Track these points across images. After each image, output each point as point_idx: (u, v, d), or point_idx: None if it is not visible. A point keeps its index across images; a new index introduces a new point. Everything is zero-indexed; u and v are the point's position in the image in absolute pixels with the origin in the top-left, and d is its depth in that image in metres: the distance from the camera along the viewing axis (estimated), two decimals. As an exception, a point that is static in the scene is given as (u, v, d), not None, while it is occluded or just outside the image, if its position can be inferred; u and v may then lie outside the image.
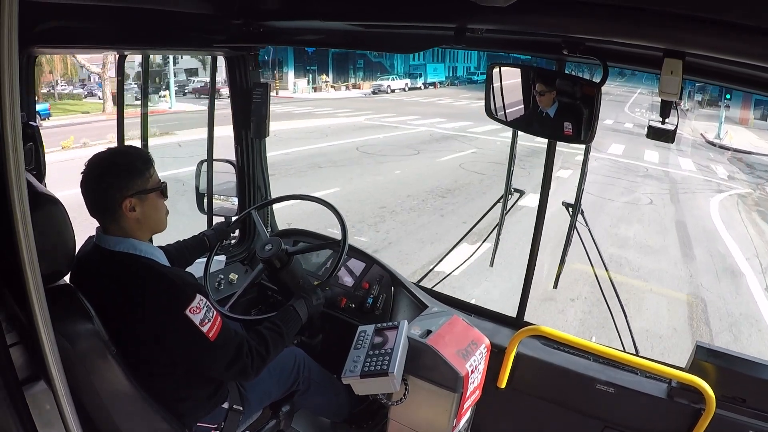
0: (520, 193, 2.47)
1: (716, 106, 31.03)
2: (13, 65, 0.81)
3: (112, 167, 1.44)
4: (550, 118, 1.60)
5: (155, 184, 1.50)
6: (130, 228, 1.47)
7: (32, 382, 1.12)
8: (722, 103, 23.93)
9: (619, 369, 1.94)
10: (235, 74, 2.48)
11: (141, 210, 1.46)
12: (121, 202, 1.43)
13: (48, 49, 1.92)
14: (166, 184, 1.54)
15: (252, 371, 1.54)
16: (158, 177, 1.52)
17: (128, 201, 1.44)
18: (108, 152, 1.49)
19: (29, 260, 0.91)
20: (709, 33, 1.13)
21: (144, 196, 1.46)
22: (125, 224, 1.46)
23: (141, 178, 1.46)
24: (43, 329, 0.94)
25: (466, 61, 47.97)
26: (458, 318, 1.96)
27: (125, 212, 1.44)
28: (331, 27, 1.91)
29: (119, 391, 1.35)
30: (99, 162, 1.44)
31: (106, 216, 1.46)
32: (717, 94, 29.66)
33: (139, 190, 1.45)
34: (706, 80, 1.58)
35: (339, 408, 2.11)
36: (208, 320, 1.43)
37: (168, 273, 1.47)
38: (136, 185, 1.45)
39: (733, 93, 20.00)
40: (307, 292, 1.80)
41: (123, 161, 1.46)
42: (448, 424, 1.78)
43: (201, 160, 2.60)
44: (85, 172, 1.43)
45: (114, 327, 1.35)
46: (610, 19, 1.23)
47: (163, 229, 1.57)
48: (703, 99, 32.99)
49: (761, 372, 1.71)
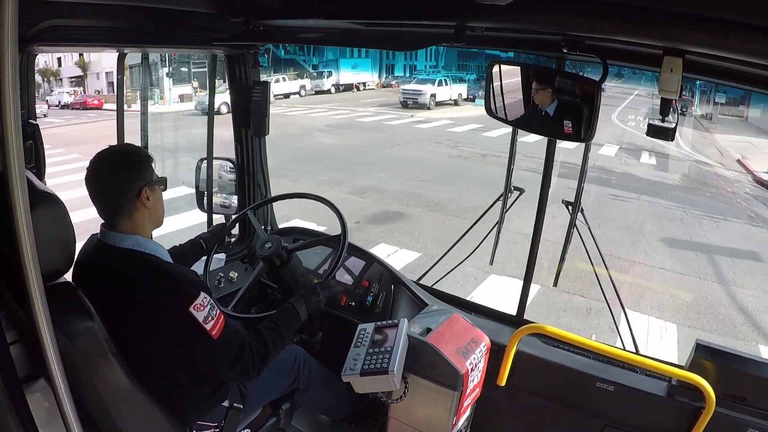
0: (519, 191, 2.46)
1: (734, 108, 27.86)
2: (14, 64, 0.81)
3: (124, 160, 1.49)
4: (549, 116, 1.60)
5: (157, 178, 1.53)
6: (141, 222, 1.48)
7: (32, 381, 1.12)
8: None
9: (619, 367, 1.94)
10: (235, 72, 2.48)
11: (153, 201, 1.50)
12: (139, 192, 1.46)
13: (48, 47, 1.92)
14: (166, 180, 1.58)
15: (253, 372, 1.53)
16: (156, 171, 1.56)
17: (145, 190, 1.47)
18: (113, 149, 1.51)
19: (29, 258, 0.91)
20: (709, 31, 1.12)
21: (154, 186, 1.51)
22: (137, 217, 1.47)
23: (150, 171, 1.51)
24: (43, 327, 0.95)
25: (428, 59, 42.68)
26: (458, 316, 1.96)
27: (143, 201, 1.47)
28: (332, 25, 1.91)
29: (119, 390, 1.35)
30: (108, 157, 1.47)
31: (121, 209, 1.46)
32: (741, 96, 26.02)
33: (151, 180, 1.50)
34: (706, 78, 1.58)
35: (339, 406, 2.11)
36: (211, 318, 1.43)
37: (172, 270, 1.47)
38: (149, 176, 1.50)
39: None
40: (307, 290, 1.79)
41: (133, 155, 1.52)
42: (448, 422, 1.79)
43: (201, 158, 2.60)
44: (93, 169, 1.44)
45: (116, 324, 1.35)
46: (610, 17, 1.23)
47: (162, 222, 1.59)
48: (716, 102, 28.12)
49: (761, 370, 1.71)
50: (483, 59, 39.36)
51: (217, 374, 1.54)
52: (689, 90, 28.64)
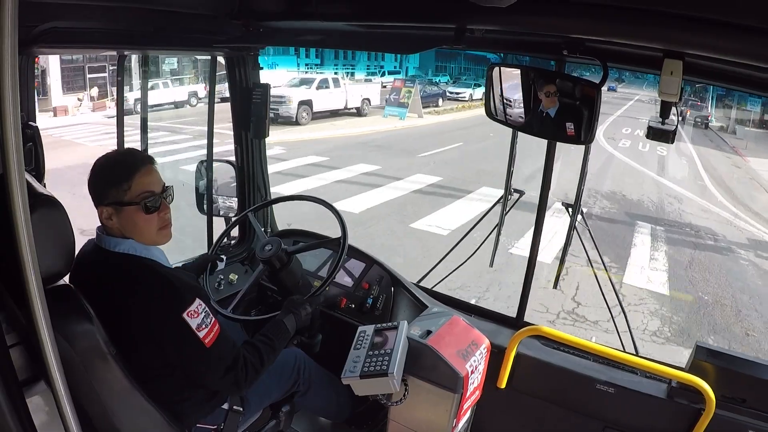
0: (519, 193, 2.47)
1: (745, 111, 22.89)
2: (14, 66, 0.81)
3: (98, 171, 1.44)
4: (550, 118, 1.60)
5: (133, 198, 1.42)
6: (121, 232, 1.46)
7: (32, 383, 1.12)
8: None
9: (619, 369, 1.94)
10: (235, 74, 2.48)
11: (118, 221, 1.43)
12: (100, 211, 1.43)
13: (48, 49, 1.92)
14: (155, 202, 1.45)
15: (245, 384, 1.53)
16: (142, 189, 1.42)
17: (104, 209, 1.43)
18: (105, 155, 1.49)
19: (29, 261, 0.90)
20: (709, 33, 1.13)
21: (120, 207, 1.42)
22: (111, 229, 1.46)
23: (117, 189, 1.41)
24: (43, 330, 0.94)
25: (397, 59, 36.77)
26: (458, 318, 1.96)
27: (103, 220, 1.44)
28: (331, 27, 1.91)
29: (119, 392, 1.35)
30: (97, 163, 1.45)
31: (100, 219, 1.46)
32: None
33: (113, 201, 1.42)
34: (706, 81, 1.58)
35: (339, 408, 2.11)
36: (205, 326, 1.42)
37: (167, 274, 1.46)
38: (111, 195, 1.42)
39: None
40: (295, 304, 1.77)
41: (108, 167, 1.44)
42: (448, 424, 1.78)
43: (201, 160, 2.60)
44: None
45: (113, 328, 1.35)
46: (610, 20, 1.24)
47: (158, 242, 1.51)
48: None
49: (761, 372, 1.71)
50: (462, 60, 38.22)
51: (208, 382, 1.52)
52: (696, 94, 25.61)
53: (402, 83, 20.18)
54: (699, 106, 25.50)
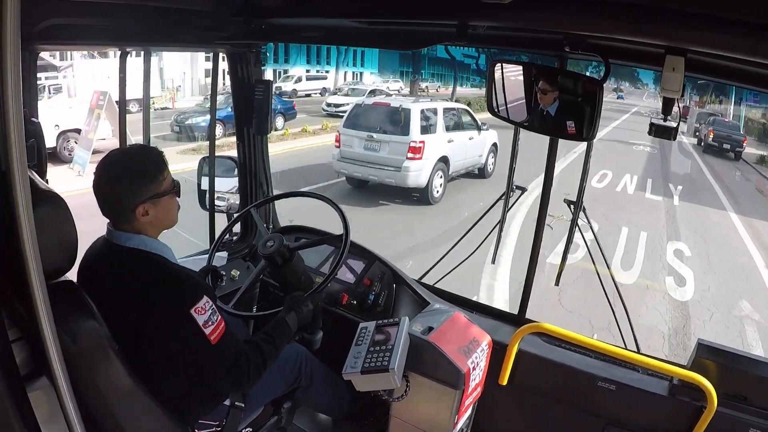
0: (522, 190, 2.46)
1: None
2: (16, 62, 0.81)
3: (126, 172, 1.43)
4: (551, 115, 1.60)
5: (168, 187, 1.48)
6: (143, 227, 1.47)
7: (34, 378, 1.13)
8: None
9: (621, 366, 1.94)
10: (237, 71, 2.48)
11: (154, 213, 1.46)
12: (135, 208, 1.42)
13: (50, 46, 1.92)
14: (179, 184, 1.52)
15: (247, 382, 1.53)
16: (171, 178, 1.49)
17: (142, 207, 1.43)
18: (121, 154, 1.49)
19: (32, 257, 0.91)
20: (711, 29, 1.12)
21: (157, 200, 1.46)
22: (137, 225, 1.46)
23: (154, 183, 1.45)
24: (45, 326, 0.95)
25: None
26: (460, 315, 1.96)
27: (138, 217, 1.44)
28: (334, 24, 1.91)
29: (121, 388, 1.35)
30: (112, 165, 1.44)
31: (119, 218, 1.46)
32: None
33: (152, 195, 1.44)
34: (707, 77, 1.57)
35: (340, 404, 2.11)
36: (211, 323, 1.42)
37: (177, 270, 1.47)
38: (150, 191, 1.44)
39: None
40: (296, 302, 1.77)
41: (137, 166, 1.45)
42: (450, 420, 1.79)
43: (203, 156, 2.60)
44: (98, 174, 1.43)
45: (119, 322, 1.36)
46: (612, 16, 1.23)
47: (173, 225, 1.56)
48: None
49: (763, 370, 1.71)
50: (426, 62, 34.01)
51: (211, 380, 1.53)
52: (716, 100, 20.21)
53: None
54: (725, 123, 16.77)
